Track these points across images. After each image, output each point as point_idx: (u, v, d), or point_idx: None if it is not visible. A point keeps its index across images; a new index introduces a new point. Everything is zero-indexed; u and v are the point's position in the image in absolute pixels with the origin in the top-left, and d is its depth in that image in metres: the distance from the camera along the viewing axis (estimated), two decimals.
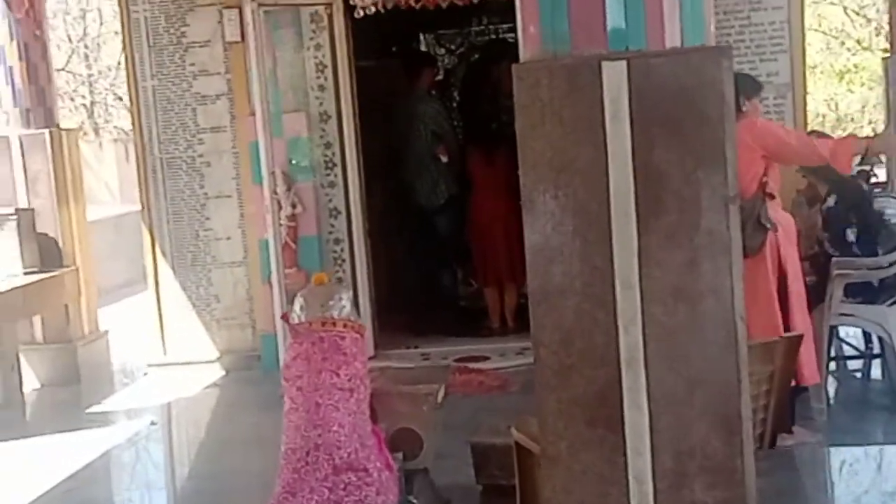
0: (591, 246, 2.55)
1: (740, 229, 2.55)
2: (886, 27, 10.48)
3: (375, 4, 6.02)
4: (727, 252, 2.50)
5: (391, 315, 7.86)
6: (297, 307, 4.33)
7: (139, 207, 7.73)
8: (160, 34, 7.46)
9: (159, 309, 7.69)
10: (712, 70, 2.47)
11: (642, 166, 2.50)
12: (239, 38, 7.20)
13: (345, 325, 4.27)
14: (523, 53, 2.68)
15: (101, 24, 19.85)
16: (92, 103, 22.16)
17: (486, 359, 7.16)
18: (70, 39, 22.26)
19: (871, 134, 11.62)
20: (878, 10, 16.64)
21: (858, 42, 17.37)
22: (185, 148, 7.54)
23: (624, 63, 2.48)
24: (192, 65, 7.46)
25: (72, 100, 22.55)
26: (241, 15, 7.07)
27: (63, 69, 22.07)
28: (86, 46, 21.91)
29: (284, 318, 4.55)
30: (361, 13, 5.52)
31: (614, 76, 2.49)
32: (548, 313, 2.63)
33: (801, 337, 4.49)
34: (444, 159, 7.81)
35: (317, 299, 4.31)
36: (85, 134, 22.07)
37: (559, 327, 2.61)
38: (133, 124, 7.65)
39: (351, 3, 5.58)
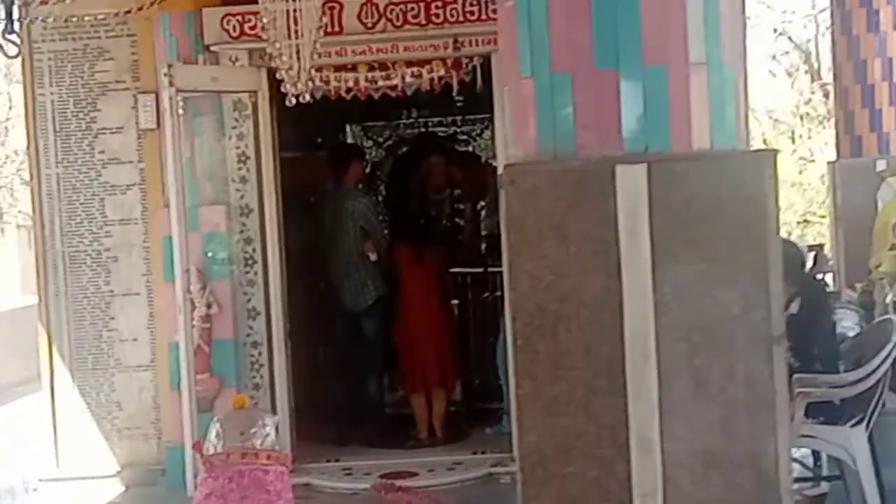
0: (601, 397, 1.97)
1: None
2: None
3: (305, 93, 5.46)
4: (771, 408, 1.95)
5: (311, 424, 7.16)
6: (212, 435, 3.68)
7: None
8: (68, 119, 6.78)
9: (53, 416, 6.87)
10: (753, 180, 1.95)
11: (665, 298, 1.95)
12: (154, 125, 6.58)
13: (268, 457, 3.64)
14: (512, 151, 2.10)
15: (11, 107, 18.98)
16: None
17: (413, 475, 6.49)
18: None
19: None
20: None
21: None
22: (90, 241, 6.83)
23: (644, 167, 1.95)
24: (102, 152, 6.78)
25: None
26: (157, 101, 6.46)
27: None
28: None
29: (197, 447, 3.87)
30: (294, 101, 4.95)
31: (631, 184, 1.95)
32: (544, 483, 2.02)
33: None
34: (373, 257, 7.23)
35: (236, 426, 3.67)
36: None
37: (560, 501, 2.01)
38: (34, 213, 6.91)
39: (283, 90, 5.03)
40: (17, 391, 9.75)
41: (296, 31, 5.00)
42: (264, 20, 5.02)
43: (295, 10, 4.98)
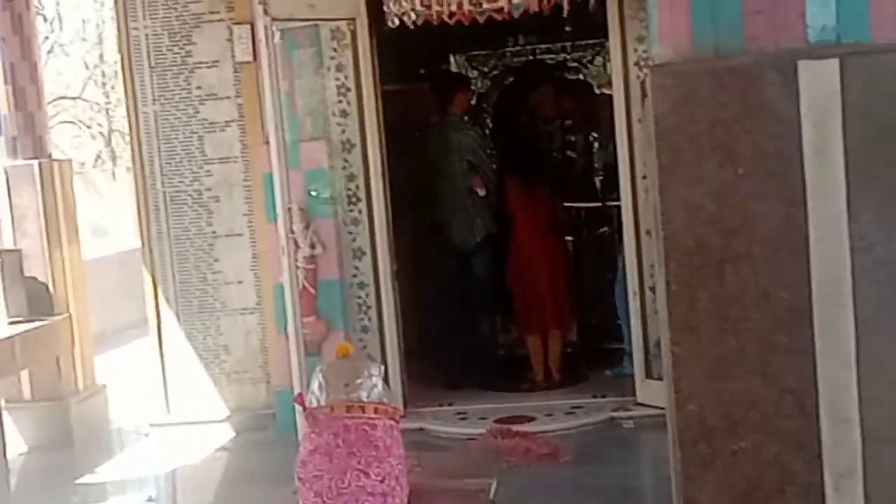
0: (781, 356, 1.55)
1: None
2: None
3: (406, 15, 5.06)
4: None
5: (422, 367, 6.85)
6: (314, 387, 3.35)
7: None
8: (163, 53, 6.50)
9: (162, 361, 6.70)
10: None
11: (864, 231, 1.51)
12: (251, 58, 6.25)
13: (375, 411, 3.29)
14: (658, 49, 1.67)
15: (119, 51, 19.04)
16: (110, 131, 21.37)
17: (531, 419, 6.14)
18: (87, 66, 21.50)
19: None
20: None
21: None
22: (191, 180, 6.57)
23: (835, 63, 1.50)
24: (199, 88, 6.49)
25: (88, 128, 21.77)
26: (253, 32, 6.11)
27: (79, 97, 21.33)
28: (102, 74, 21.14)
29: (299, 400, 3.54)
30: (397, 22, 4.55)
31: (819, 84, 1.51)
32: (708, 462, 1.62)
33: None
34: (482, 193, 6.82)
35: (340, 377, 3.33)
36: (103, 163, 21.27)
37: (728, 483, 1.60)
38: (132, 154, 6.68)
39: (385, 8, 4.63)
40: (129, 334, 9.69)
41: None
42: None
43: None
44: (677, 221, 1.62)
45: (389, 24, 4.69)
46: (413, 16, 5.85)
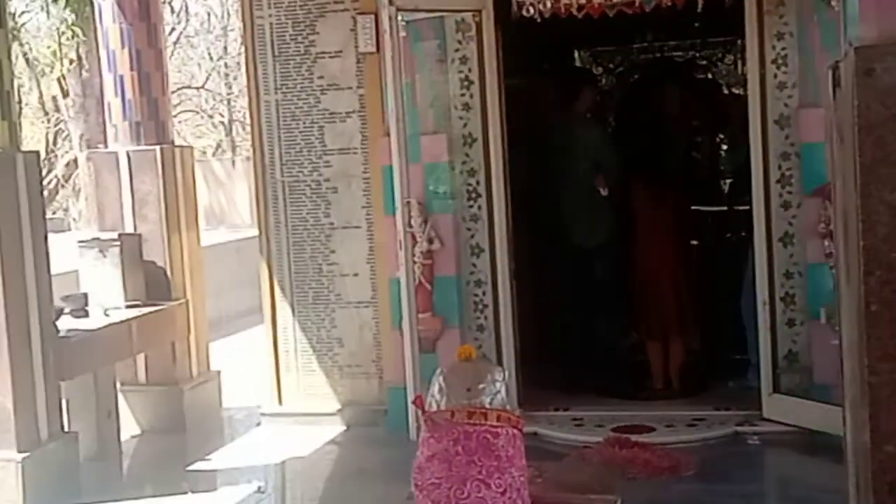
0: None
1: None
2: None
3: (535, 6, 4.86)
4: None
5: (538, 369, 6.62)
6: (434, 390, 3.18)
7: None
8: (286, 43, 6.41)
9: (275, 351, 6.62)
10: None
11: None
12: (374, 49, 6.12)
13: (498, 418, 3.10)
14: (858, 31, 1.43)
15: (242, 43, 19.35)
16: (230, 121, 21.70)
17: (650, 430, 5.87)
18: (210, 58, 21.87)
19: None
20: None
21: None
22: (309, 171, 6.47)
23: None
24: (321, 78, 6.38)
25: (210, 117, 22.15)
26: (377, 22, 5.99)
27: (202, 87, 21.70)
28: (225, 65, 21.47)
29: (418, 403, 3.36)
30: (530, 11, 4.36)
31: None
32: None
33: None
34: (604, 192, 6.57)
35: (462, 381, 3.15)
36: (223, 152, 21.61)
37: None
38: (253, 143, 6.61)
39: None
40: (245, 321, 9.72)
41: None
42: None
43: None
44: (881, 230, 1.38)
45: (523, 12, 4.48)
46: (542, 8, 5.66)
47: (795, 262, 5.74)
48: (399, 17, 5.73)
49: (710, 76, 8.15)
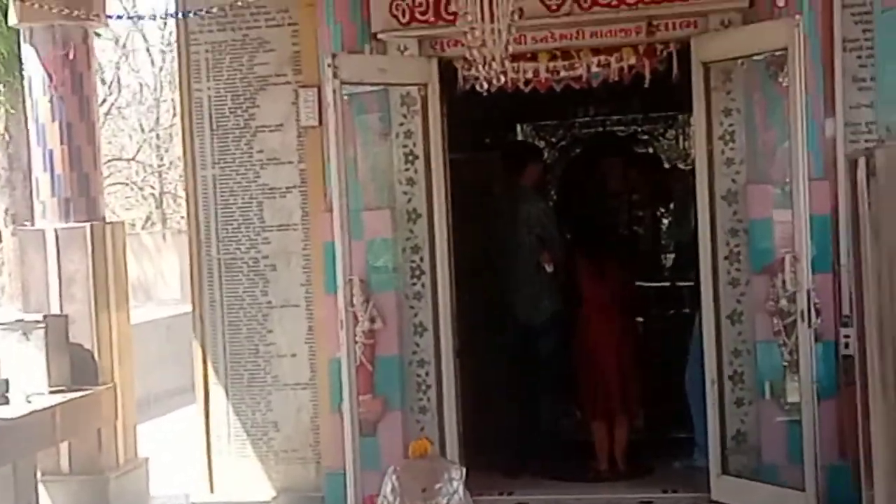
0: None
1: None
2: None
3: (482, 81, 4.70)
4: None
5: (481, 452, 6.36)
6: (387, 490, 2.93)
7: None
8: (225, 116, 6.20)
9: (207, 435, 6.29)
10: None
11: None
12: (316, 123, 5.94)
13: None
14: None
15: (174, 114, 19.02)
16: (161, 193, 21.33)
17: None
18: (142, 129, 21.54)
19: None
20: None
21: None
22: (247, 247, 6.22)
23: None
24: (261, 151, 6.17)
25: (140, 189, 21.73)
26: (319, 96, 5.81)
27: (133, 159, 21.32)
28: (157, 136, 21.16)
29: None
30: (479, 85, 4.24)
31: None
32: None
33: None
34: (549, 268, 6.42)
35: (417, 481, 2.91)
36: (153, 224, 21.18)
37: None
38: (189, 217, 6.34)
39: (462, 73, 4.31)
40: (175, 401, 9.34)
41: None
42: (461, 7, 4.31)
43: None
44: None
45: (477, 87, 4.37)
46: (489, 82, 5.54)
47: (744, 340, 5.64)
48: (343, 91, 5.55)
49: (651, 151, 8.10)
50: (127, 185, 21.54)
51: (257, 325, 6.24)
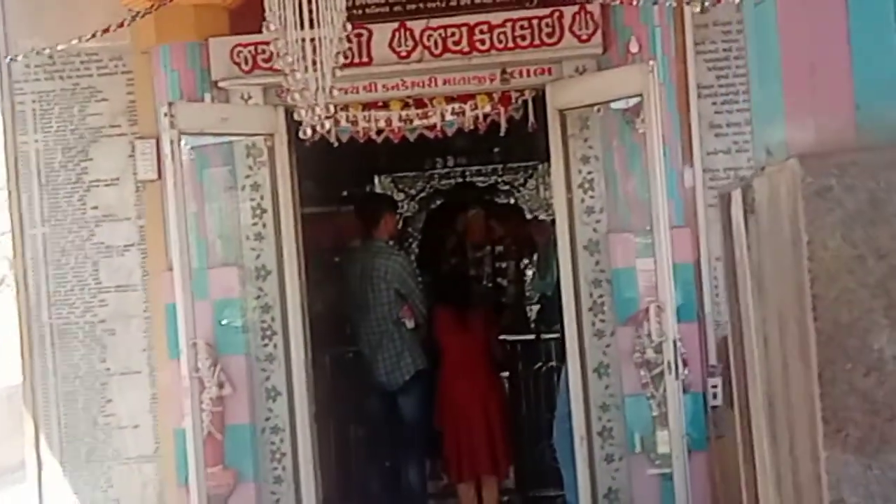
0: None
1: None
2: None
3: (323, 130, 4.39)
4: None
5: None
6: None
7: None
8: (55, 170, 5.72)
9: None
10: None
11: None
12: (155, 176, 5.51)
13: None
14: (784, 132, 1.00)
15: None
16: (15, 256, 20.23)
17: None
18: None
19: None
20: None
21: None
22: (82, 311, 5.73)
23: None
24: (95, 208, 5.72)
25: None
26: (158, 147, 5.39)
27: None
28: (9, 194, 20.11)
29: None
30: (309, 133, 3.90)
31: None
32: None
33: None
34: (410, 325, 6.12)
35: None
36: (8, 286, 20.07)
37: None
38: (17, 280, 5.81)
39: (301, 128, 3.97)
40: (9, 478, 8.61)
41: (314, 61, 3.97)
42: (279, 48, 3.95)
43: (312, 39, 3.94)
44: (853, 433, 0.89)
45: (301, 135, 4.03)
46: (336, 135, 5.23)
47: (612, 394, 5.42)
48: (183, 142, 5.14)
49: (512, 201, 7.91)
50: None
51: (95, 395, 5.75)
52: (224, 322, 5.52)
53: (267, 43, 5.25)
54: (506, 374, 6.64)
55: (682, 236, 5.15)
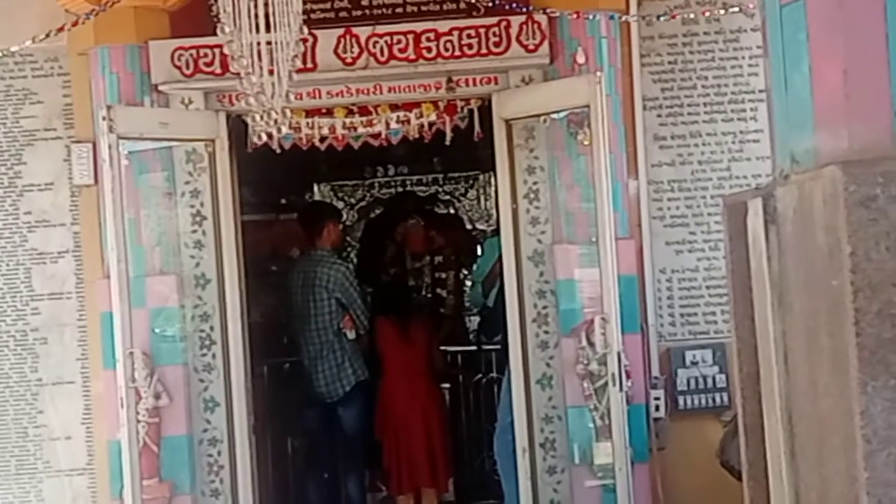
0: None
1: None
2: None
3: (280, 134, 4.30)
4: None
5: None
6: None
7: None
8: None
9: None
10: None
11: None
12: (92, 181, 5.36)
13: None
14: (811, 140, 0.95)
15: None
16: None
17: None
18: None
19: None
20: None
21: None
22: (13, 319, 5.55)
23: None
24: (28, 213, 5.53)
25: None
26: (94, 151, 5.23)
27: None
28: None
29: None
30: (264, 138, 3.79)
31: None
32: None
33: None
34: (351, 335, 6.03)
35: None
36: None
37: None
38: None
39: (253, 133, 3.87)
40: None
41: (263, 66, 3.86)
42: (234, 51, 3.84)
43: (269, 42, 3.84)
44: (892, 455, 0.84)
45: (255, 139, 3.92)
46: (281, 138, 5.11)
47: (554, 406, 5.37)
48: (121, 146, 4.98)
49: (452, 211, 7.86)
50: None
51: (26, 406, 5.57)
52: (158, 331, 5.38)
53: (210, 46, 5.18)
54: (446, 385, 6.58)
55: (627, 248, 5.13)
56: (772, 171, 1.25)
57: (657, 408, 5.17)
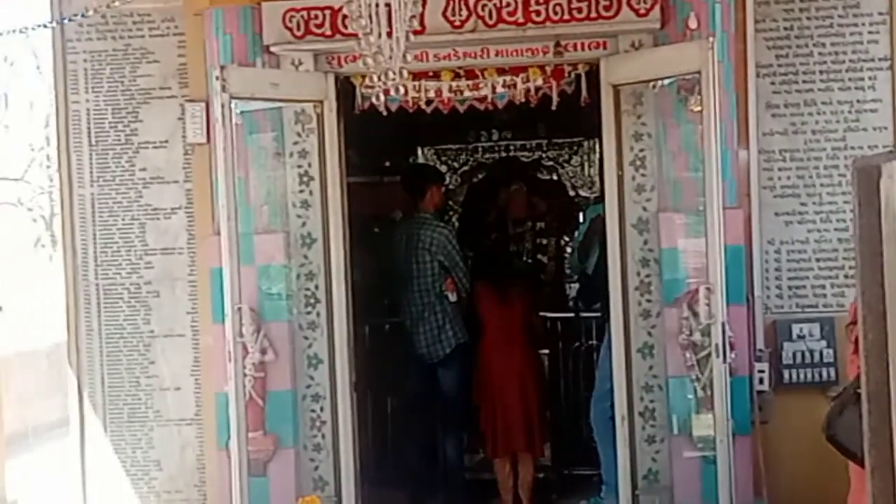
0: None
1: None
2: None
3: (380, 96, 4.31)
4: None
5: (380, 489, 5.92)
6: None
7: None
8: (105, 131, 5.69)
9: (83, 474, 5.74)
10: None
11: None
12: (204, 140, 5.45)
13: None
14: None
15: None
16: (51, 215, 20.35)
17: None
18: (31, 148, 20.55)
19: None
20: None
21: None
22: (128, 272, 5.71)
23: None
24: (144, 170, 5.68)
25: (30, 210, 20.71)
26: (207, 110, 5.33)
27: (21, 179, 20.31)
28: (47, 157, 20.20)
29: None
30: (379, 100, 3.82)
31: None
32: None
33: None
34: (453, 298, 6.03)
35: None
36: (43, 247, 20.17)
37: None
38: (65, 240, 5.79)
39: (372, 93, 3.90)
40: (54, 434, 8.66)
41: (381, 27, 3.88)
42: (353, 11, 3.86)
43: (387, 3, 3.85)
44: None
45: (364, 102, 3.95)
46: (389, 101, 5.13)
47: (655, 375, 5.31)
48: (233, 106, 5.07)
49: (556, 177, 7.80)
50: (14, 205, 20.51)
51: (138, 356, 5.74)
52: (265, 288, 5.48)
53: (320, 8, 5.21)
54: (545, 351, 6.55)
55: (735, 217, 5.03)
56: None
57: (761, 381, 5.08)
